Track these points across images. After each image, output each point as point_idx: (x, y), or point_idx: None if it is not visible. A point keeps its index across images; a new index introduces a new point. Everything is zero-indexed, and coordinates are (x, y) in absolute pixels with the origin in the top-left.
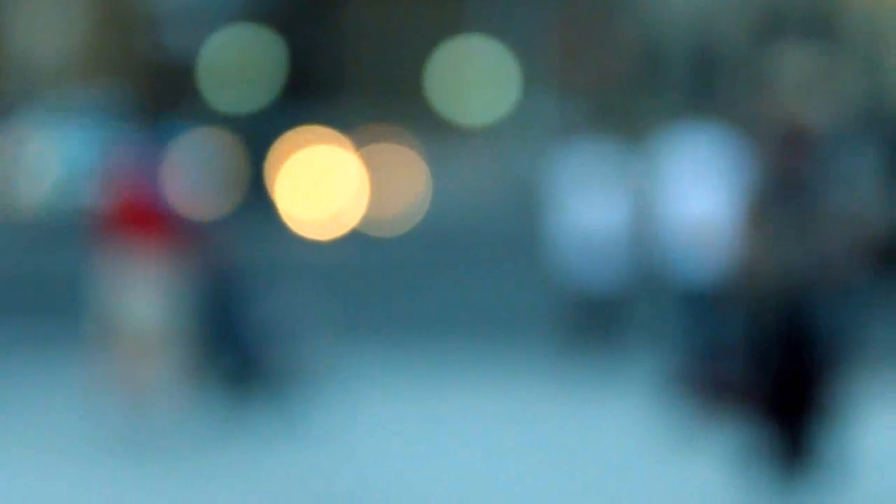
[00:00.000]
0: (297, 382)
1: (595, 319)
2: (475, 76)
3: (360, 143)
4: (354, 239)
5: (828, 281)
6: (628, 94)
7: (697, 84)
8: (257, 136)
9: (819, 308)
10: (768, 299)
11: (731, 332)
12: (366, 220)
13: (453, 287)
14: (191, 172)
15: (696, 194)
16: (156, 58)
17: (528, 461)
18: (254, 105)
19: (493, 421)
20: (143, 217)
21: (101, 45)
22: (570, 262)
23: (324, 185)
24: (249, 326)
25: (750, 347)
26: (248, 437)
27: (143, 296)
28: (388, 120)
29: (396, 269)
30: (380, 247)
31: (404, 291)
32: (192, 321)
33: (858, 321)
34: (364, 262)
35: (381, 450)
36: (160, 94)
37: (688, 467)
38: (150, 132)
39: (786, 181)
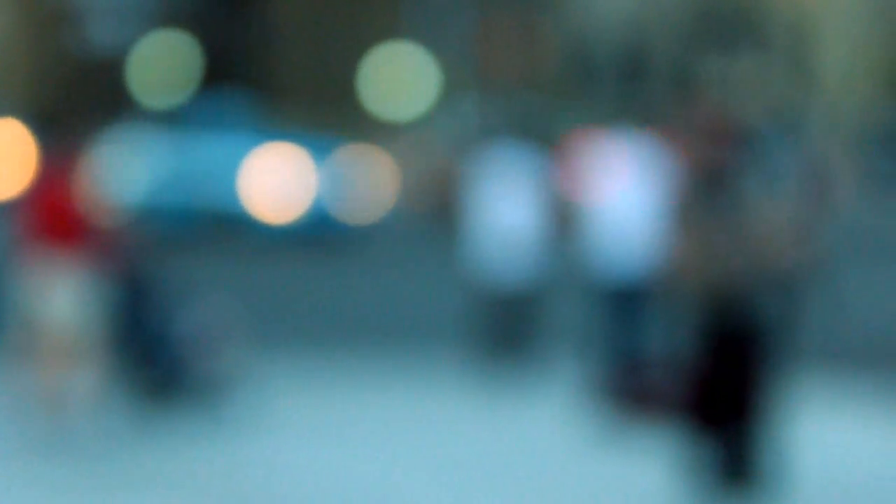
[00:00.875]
0: (215, 385)
1: (510, 319)
2: (402, 79)
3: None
4: None
5: (759, 280)
6: (551, 96)
7: (623, 86)
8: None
9: (752, 308)
10: (699, 301)
11: (659, 338)
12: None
13: (371, 288)
14: (109, 175)
15: (622, 195)
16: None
17: (441, 462)
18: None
19: (408, 423)
20: (62, 221)
21: (21, 45)
22: (486, 262)
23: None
24: (166, 330)
25: (680, 353)
26: (166, 439)
27: (63, 299)
28: (320, 120)
29: (312, 270)
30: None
31: (321, 293)
32: (111, 325)
33: (790, 320)
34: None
35: (297, 453)
36: (84, 94)
37: (610, 470)
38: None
39: (712, 180)
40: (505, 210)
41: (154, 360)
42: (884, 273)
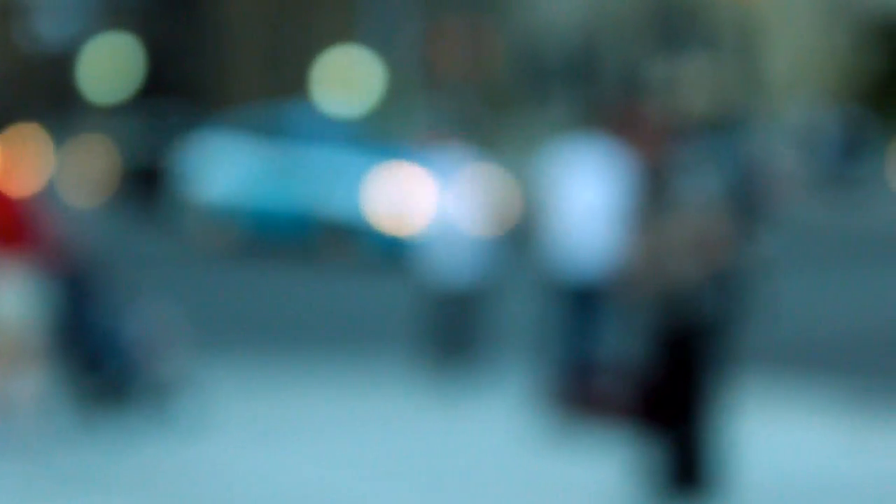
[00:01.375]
0: (162, 389)
1: (458, 319)
2: (352, 81)
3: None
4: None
5: (700, 280)
6: (501, 99)
7: (573, 88)
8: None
9: (695, 309)
10: (646, 302)
11: (612, 340)
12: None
13: (323, 288)
14: (60, 174)
15: (577, 196)
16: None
17: (388, 463)
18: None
19: (356, 424)
20: (5, 222)
21: None
22: (434, 261)
23: None
24: (113, 333)
25: (630, 356)
26: (112, 441)
27: (8, 301)
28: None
29: (262, 275)
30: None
31: (271, 293)
32: (57, 328)
33: (732, 320)
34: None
35: (245, 455)
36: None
37: (560, 471)
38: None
39: (655, 180)
40: (451, 210)
41: (101, 363)
42: (829, 275)
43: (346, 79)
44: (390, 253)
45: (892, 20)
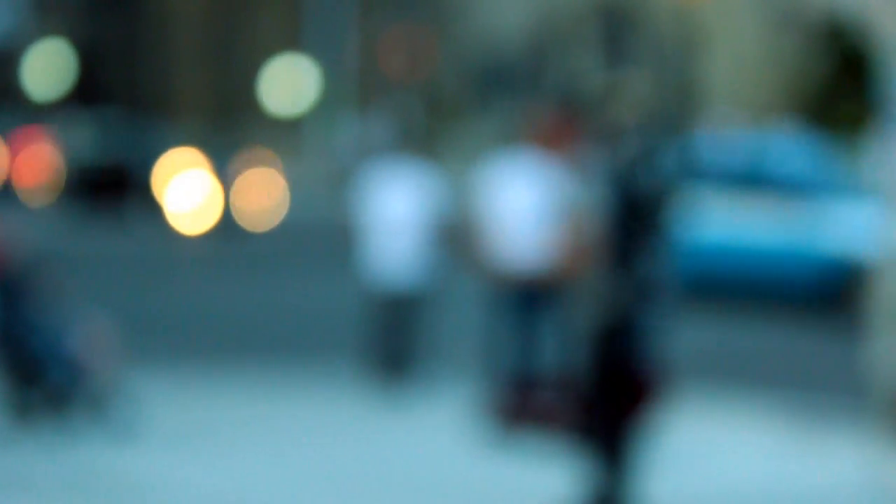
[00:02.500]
0: (101, 400)
1: (398, 325)
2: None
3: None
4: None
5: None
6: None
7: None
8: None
9: (636, 324)
10: (589, 315)
11: (553, 348)
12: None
13: (263, 290)
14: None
15: (515, 202)
16: None
17: (328, 471)
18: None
19: (298, 432)
20: None
21: None
22: (376, 267)
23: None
24: (52, 346)
25: (566, 366)
26: (46, 444)
27: None
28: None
29: (199, 270)
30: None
31: (216, 302)
32: None
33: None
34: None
35: (175, 458)
36: None
37: (501, 478)
38: None
39: (583, 184)
40: (392, 215)
41: (42, 371)
42: None
43: (288, 85)
44: None
45: (838, 24)
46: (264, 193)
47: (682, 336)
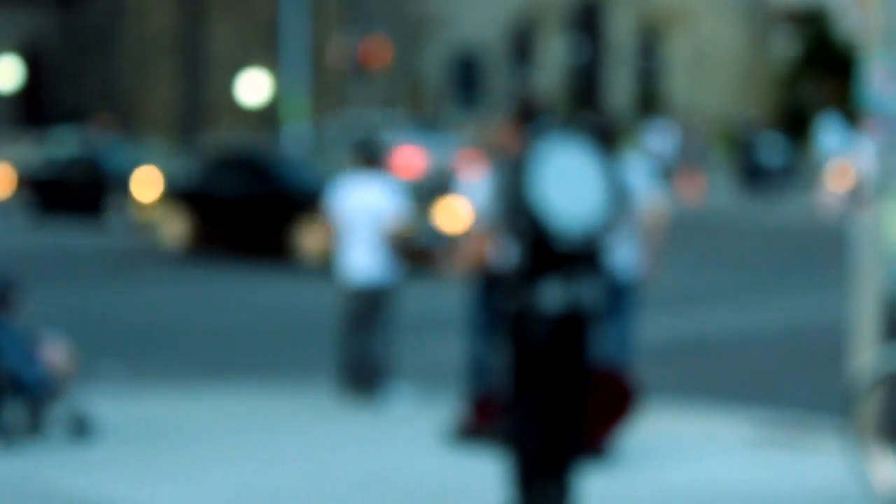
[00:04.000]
0: (68, 420)
1: (361, 319)
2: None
3: None
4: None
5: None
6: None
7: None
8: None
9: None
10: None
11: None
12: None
13: (227, 287)
14: None
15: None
16: None
17: (296, 480)
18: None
19: (260, 433)
20: None
21: None
22: (344, 263)
23: None
24: (21, 370)
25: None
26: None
27: None
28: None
29: (185, 285)
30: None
31: (192, 308)
32: None
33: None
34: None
35: (138, 473)
36: None
37: (457, 478)
38: None
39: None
40: (352, 220)
41: (15, 391)
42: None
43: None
44: None
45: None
46: None
47: (649, 333)
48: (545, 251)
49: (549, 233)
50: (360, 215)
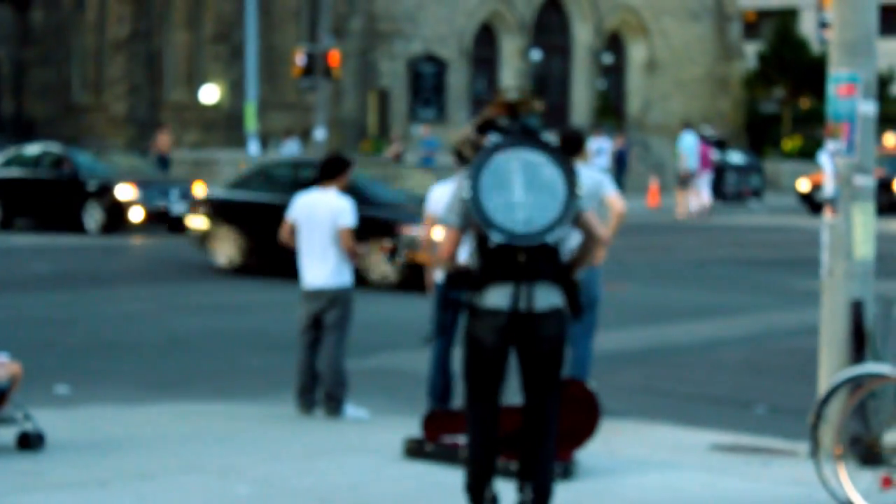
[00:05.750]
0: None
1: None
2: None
3: None
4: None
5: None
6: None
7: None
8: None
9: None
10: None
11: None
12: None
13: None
14: None
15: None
16: None
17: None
18: None
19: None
20: None
21: None
22: (305, 270)
23: None
24: None
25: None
26: None
27: None
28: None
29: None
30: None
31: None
32: None
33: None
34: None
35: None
36: None
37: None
38: None
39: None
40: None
41: None
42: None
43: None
44: None
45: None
46: None
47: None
48: (491, 253)
49: (495, 235)
50: (317, 223)
